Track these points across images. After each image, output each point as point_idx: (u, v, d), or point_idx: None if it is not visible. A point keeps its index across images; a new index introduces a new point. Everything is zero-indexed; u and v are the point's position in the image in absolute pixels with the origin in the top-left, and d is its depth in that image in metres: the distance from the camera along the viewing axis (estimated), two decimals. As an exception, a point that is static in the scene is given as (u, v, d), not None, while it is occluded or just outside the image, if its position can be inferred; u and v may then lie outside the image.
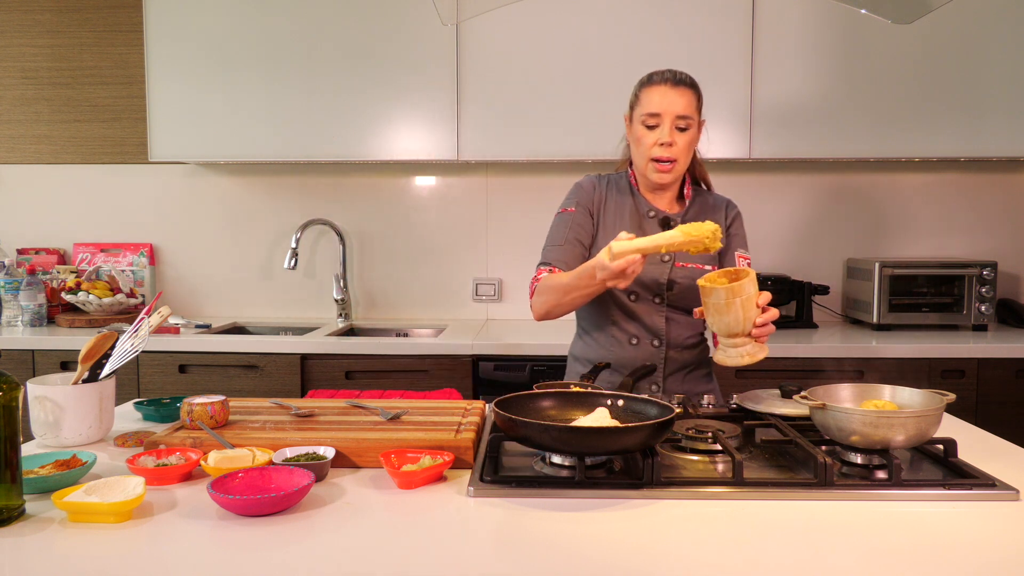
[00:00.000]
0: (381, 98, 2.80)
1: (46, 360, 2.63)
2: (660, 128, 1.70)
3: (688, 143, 1.72)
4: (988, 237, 3.09)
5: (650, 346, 1.78)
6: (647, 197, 1.81)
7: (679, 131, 1.70)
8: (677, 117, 1.69)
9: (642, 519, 1.08)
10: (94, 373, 1.48)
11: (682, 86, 1.71)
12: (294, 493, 1.09)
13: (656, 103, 1.70)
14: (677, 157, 1.71)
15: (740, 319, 1.43)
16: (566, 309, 1.71)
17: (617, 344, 1.79)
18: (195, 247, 3.23)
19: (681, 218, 1.79)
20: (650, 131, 1.71)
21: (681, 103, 1.69)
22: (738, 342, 1.47)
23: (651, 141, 1.71)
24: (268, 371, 2.59)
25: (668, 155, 1.70)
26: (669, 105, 1.69)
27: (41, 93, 3.19)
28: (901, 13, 1.71)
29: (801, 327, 2.89)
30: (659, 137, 1.70)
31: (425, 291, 3.20)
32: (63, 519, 1.07)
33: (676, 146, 1.70)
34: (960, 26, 2.69)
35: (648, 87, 1.73)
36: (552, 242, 1.80)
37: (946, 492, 1.17)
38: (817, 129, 2.74)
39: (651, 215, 1.79)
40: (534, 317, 1.77)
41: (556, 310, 1.71)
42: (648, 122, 1.71)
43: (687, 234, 1.44)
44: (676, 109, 1.69)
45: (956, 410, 2.07)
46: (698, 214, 1.81)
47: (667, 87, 1.70)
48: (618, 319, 1.79)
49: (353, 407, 1.57)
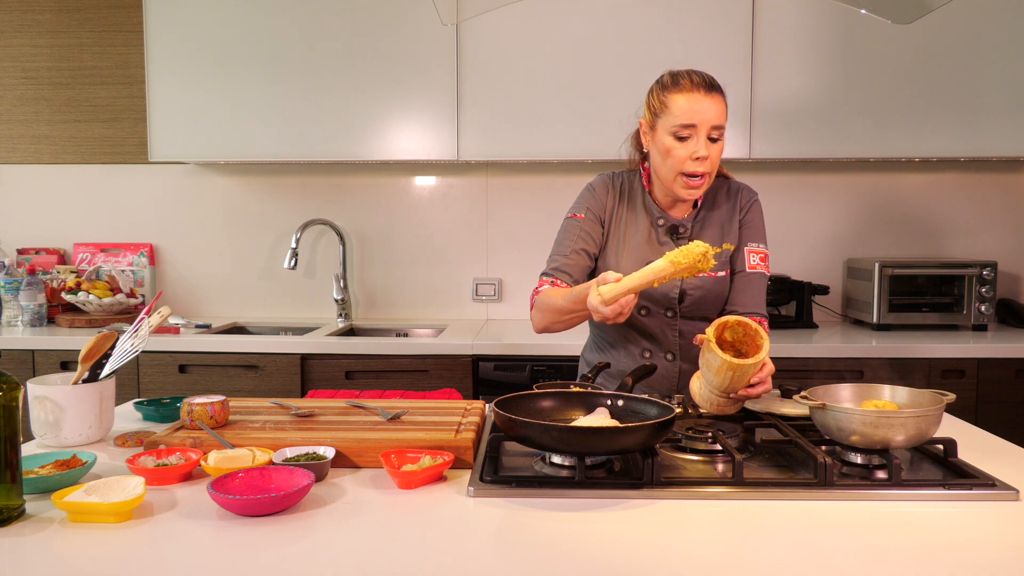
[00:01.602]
0: (381, 98, 2.80)
1: (46, 360, 2.63)
2: (694, 139, 1.55)
3: (719, 153, 1.59)
4: (988, 237, 3.09)
5: (664, 360, 1.74)
6: (659, 203, 1.72)
7: (711, 141, 1.57)
8: (712, 128, 1.56)
9: (642, 519, 1.08)
10: (94, 373, 1.48)
11: (715, 92, 1.58)
12: (294, 493, 1.09)
13: (690, 113, 1.54)
14: (711, 171, 1.59)
15: (725, 384, 1.41)
16: (565, 327, 1.64)
17: (631, 358, 1.75)
18: (195, 247, 3.23)
19: (691, 222, 1.71)
20: (682, 143, 1.57)
21: (716, 111, 1.55)
22: (716, 393, 1.45)
23: (684, 155, 1.56)
24: (268, 371, 2.60)
25: (703, 169, 1.57)
26: (704, 114, 1.54)
27: (41, 93, 3.19)
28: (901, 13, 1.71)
29: (801, 327, 2.89)
30: (694, 150, 1.55)
31: (425, 291, 3.20)
32: (63, 519, 1.07)
33: (710, 159, 1.57)
34: (960, 26, 2.69)
35: (677, 92, 1.58)
36: (558, 251, 1.72)
37: (946, 492, 1.17)
38: (817, 129, 2.74)
39: (660, 223, 1.70)
40: (534, 330, 1.71)
41: (554, 327, 1.65)
42: (681, 133, 1.56)
43: (675, 263, 1.34)
44: (711, 119, 1.55)
45: (956, 410, 2.07)
46: (710, 211, 1.72)
47: (700, 94, 1.55)
48: (630, 335, 1.75)
49: (353, 407, 1.57)
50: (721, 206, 1.72)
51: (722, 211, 1.72)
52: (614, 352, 1.79)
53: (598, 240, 1.73)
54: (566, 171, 3.08)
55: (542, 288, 1.68)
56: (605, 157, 2.77)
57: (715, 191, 1.73)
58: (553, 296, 1.61)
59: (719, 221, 1.72)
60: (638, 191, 1.74)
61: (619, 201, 1.73)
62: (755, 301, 1.69)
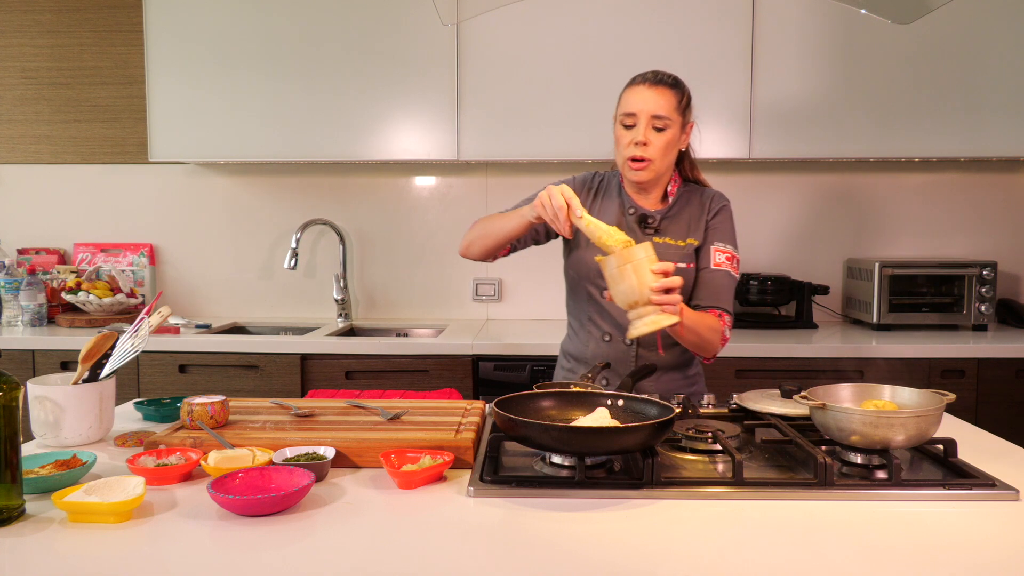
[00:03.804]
0: (381, 98, 2.80)
1: (46, 360, 2.63)
2: (636, 128, 1.70)
3: (666, 143, 1.70)
4: (988, 237, 3.09)
5: (622, 344, 1.79)
6: (632, 196, 1.81)
7: (656, 131, 1.70)
8: (653, 117, 1.69)
9: (642, 519, 1.08)
10: (94, 373, 1.48)
11: (661, 86, 1.71)
12: (294, 493, 1.09)
13: (632, 103, 1.70)
14: (652, 157, 1.70)
15: (635, 286, 1.42)
16: (490, 245, 1.75)
17: (592, 339, 1.82)
18: (195, 247, 3.23)
19: (662, 216, 1.78)
20: (627, 130, 1.72)
21: (658, 103, 1.69)
22: (641, 312, 1.45)
23: (627, 140, 1.71)
24: (268, 371, 2.59)
25: (642, 154, 1.69)
26: (644, 105, 1.69)
27: (41, 93, 3.19)
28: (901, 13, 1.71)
29: (801, 327, 2.90)
30: (634, 137, 1.70)
31: (425, 291, 3.20)
32: (63, 519, 1.07)
33: (651, 146, 1.69)
34: (960, 26, 2.69)
35: (629, 87, 1.75)
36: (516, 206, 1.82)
37: (946, 492, 1.17)
38: (817, 129, 2.74)
39: (631, 212, 1.79)
40: (460, 249, 1.83)
41: (479, 242, 1.77)
42: (625, 121, 1.72)
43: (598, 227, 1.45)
44: (652, 109, 1.68)
45: (956, 410, 2.07)
46: (681, 210, 1.80)
47: (645, 87, 1.71)
48: (593, 315, 1.81)
49: (353, 407, 1.57)
50: (692, 207, 1.81)
51: (692, 211, 1.80)
52: (580, 335, 1.85)
53: None
54: (566, 171, 3.08)
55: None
56: (605, 157, 2.76)
57: (689, 194, 1.83)
58: (491, 216, 1.77)
59: (687, 219, 1.80)
60: (614, 186, 1.85)
61: (594, 196, 1.84)
62: (717, 296, 1.74)
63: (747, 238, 3.11)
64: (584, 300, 1.82)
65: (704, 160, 2.93)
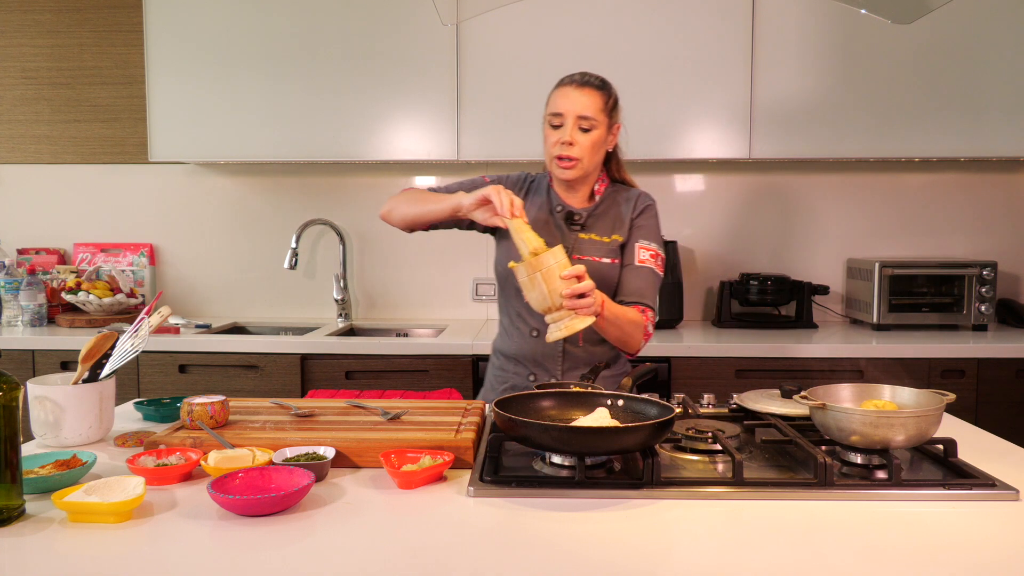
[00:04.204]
0: (381, 98, 2.80)
1: (46, 360, 2.63)
2: (563, 128, 1.73)
3: (592, 143, 1.74)
4: (988, 237, 3.09)
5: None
6: (560, 194, 1.85)
7: (582, 131, 1.74)
8: (579, 117, 1.72)
9: (642, 519, 1.08)
10: (94, 373, 1.48)
11: (588, 87, 1.75)
12: (294, 493, 1.09)
13: (559, 104, 1.74)
14: (579, 156, 1.74)
15: (545, 293, 1.46)
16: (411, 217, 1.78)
17: (520, 336, 1.83)
18: (195, 247, 3.23)
19: (588, 213, 1.82)
20: (554, 130, 1.75)
21: (584, 104, 1.73)
22: (555, 316, 1.50)
23: (554, 140, 1.75)
24: (268, 371, 2.59)
25: (568, 153, 1.73)
26: (571, 105, 1.73)
27: (41, 93, 3.19)
28: (901, 13, 1.71)
29: (801, 327, 2.90)
30: (561, 136, 1.74)
31: (425, 291, 3.20)
32: (63, 519, 1.07)
33: (578, 145, 1.73)
34: (960, 26, 2.69)
35: (556, 88, 1.78)
36: (449, 185, 1.86)
37: (946, 492, 1.17)
38: (817, 129, 2.74)
39: (558, 210, 1.83)
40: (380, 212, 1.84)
41: (403, 211, 1.79)
42: (553, 121, 1.75)
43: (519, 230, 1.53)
44: (578, 110, 1.72)
45: (956, 410, 2.07)
46: (608, 209, 1.84)
47: (572, 88, 1.75)
48: (521, 311, 1.82)
49: (353, 407, 1.57)
50: (619, 206, 1.85)
51: (618, 210, 1.85)
52: (510, 332, 1.86)
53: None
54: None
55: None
56: (605, 157, 2.77)
57: (616, 193, 1.87)
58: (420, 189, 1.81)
59: (612, 217, 1.84)
60: (544, 185, 1.89)
61: (525, 194, 1.88)
62: (640, 292, 1.78)
63: (747, 238, 3.12)
64: (512, 297, 1.83)
65: (704, 160, 2.94)
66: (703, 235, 3.11)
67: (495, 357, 1.93)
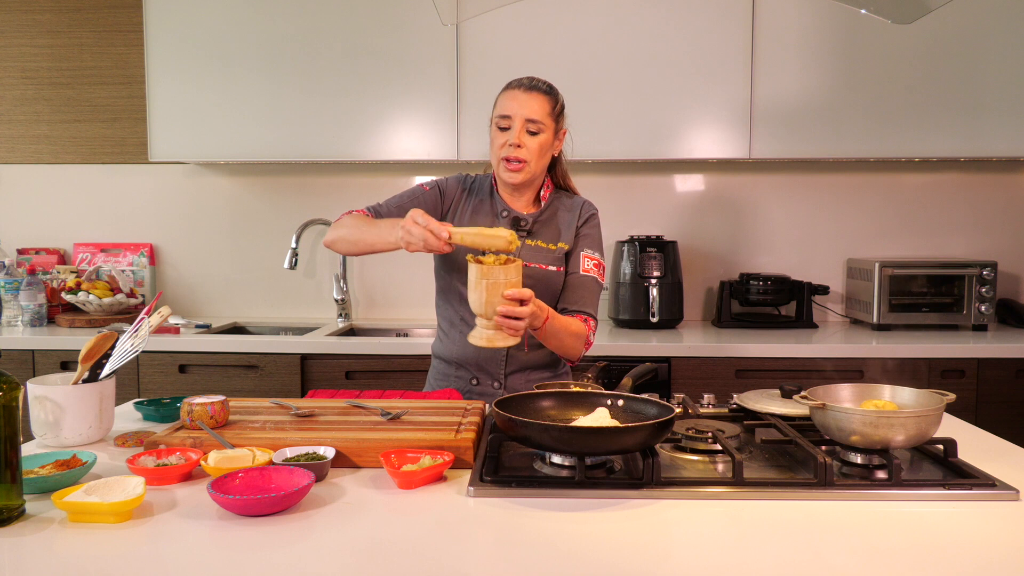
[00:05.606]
0: (381, 98, 2.80)
1: (46, 360, 2.63)
2: (511, 130, 1.74)
3: (539, 147, 1.75)
4: (988, 237, 3.09)
5: None
6: (505, 198, 1.84)
7: (530, 135, 1.74)
8: (527, 120, 1.73)
9: (642, 519, 1.08)
10: (94, 373, 1.48)
11: (535, 91, 1.75)
12: (294, 493, 1.09)
13: (508, 106, 1.75)
14: (527, 159, 1.74)
15: (482, 301, 1.47)
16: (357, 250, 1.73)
17: (462, 339, 1.81)
18: (195, 247, 3.23)
19: (534, 219, 1.82)
20: (502, 132, 1.76)
21: (532, 107, 1.73)
22: (482, 323, 1.51)
23: (502, 142, 1.75)
24: (268, 371, 2.59)
25: (516, 156, 1.74)
26: (519, 108, 1.73)
27: (41, 93, 3.19)
28: (901, 13, 1.71)
29: (801, 327, 2.90)
30: (508, 138, 1.74)
31: (425, 291, 3.19)
32: (63, 519, 1.07)
33: (525, 148, 1.74)
34: (960, 26, 2.69)
35: (504, 91, 1.79)
36: (388, 201, 1.83)
37: (946, 492, 1.17)
38: (817, 129, 2.74)
39: (504, 215, 1.82)
40: (324, 240, 1.79)
41: (346, 242, 1.73)
42: (500, 124, 1.76)
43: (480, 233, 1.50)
44: (526, 113, 1.73)
45: (956, 410, 2.07)
46: (553, 215, 1.84)
47: (520, 91, 1.75)
48: (465, 315, 1.81)
49: (353, 407, 1.57)
50: (564, 213, 1.86)
51: (563, 216, 1.85)
52: (451, 335, 1.85)
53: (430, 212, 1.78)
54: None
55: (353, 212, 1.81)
56: (604, 157, 2.77)
57: (559, 201, 1.88)
58: (362, 218, 1.75)
59: (558, 225, 1.84)
60: (487, 188, 1.88)
61: (468, 196, 1.87)
62: (583, 300, 1.79)
63: (748, 238, 3.12)
64: (456, 300, 1.83)
65: (704, 160, 2.94)
66: (703, 235, 3.11)
67: (436, 361, 1.92)
